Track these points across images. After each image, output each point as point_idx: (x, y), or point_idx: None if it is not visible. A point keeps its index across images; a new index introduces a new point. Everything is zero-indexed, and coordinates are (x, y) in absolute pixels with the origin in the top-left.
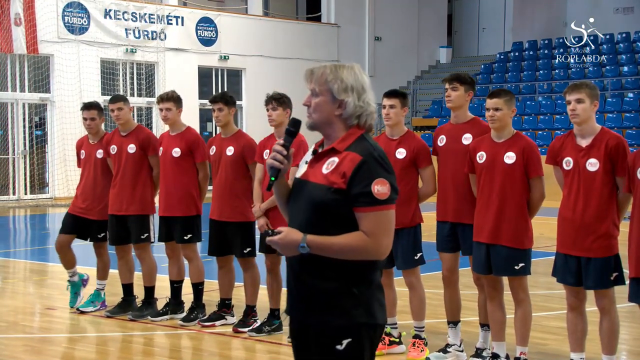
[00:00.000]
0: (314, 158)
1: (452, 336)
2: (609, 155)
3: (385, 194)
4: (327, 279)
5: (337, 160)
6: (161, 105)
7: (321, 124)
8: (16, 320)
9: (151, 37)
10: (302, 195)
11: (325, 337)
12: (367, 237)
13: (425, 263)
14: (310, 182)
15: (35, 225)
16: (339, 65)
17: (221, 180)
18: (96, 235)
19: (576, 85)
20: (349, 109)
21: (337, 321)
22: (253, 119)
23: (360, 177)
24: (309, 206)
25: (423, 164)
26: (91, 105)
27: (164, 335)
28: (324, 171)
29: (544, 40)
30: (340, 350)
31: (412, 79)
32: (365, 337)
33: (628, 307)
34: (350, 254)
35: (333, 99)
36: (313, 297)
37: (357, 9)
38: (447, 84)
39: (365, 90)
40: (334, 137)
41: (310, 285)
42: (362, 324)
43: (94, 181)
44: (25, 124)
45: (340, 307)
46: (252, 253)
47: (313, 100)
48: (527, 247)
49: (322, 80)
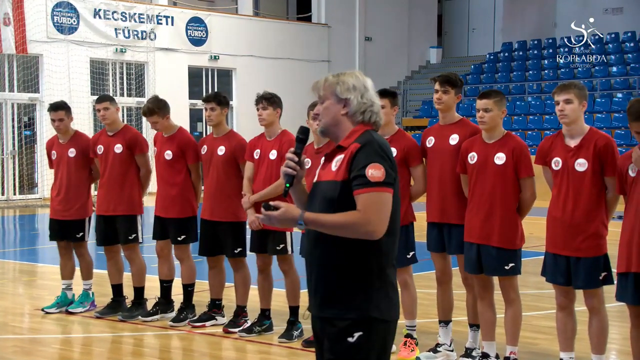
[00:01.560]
0: (325, 159)
1: (442, 335)
2: (597, 156)
3: (379, 177)
4: (343, 276)
5: (344, 156)
6: (149, 119)
7: (330, 126)
8: (6, 321)
9: (141, 37)
10: (316, 196)
11: (337, 329)
12: (358, 213)
13: (417, 262)
14: (323, 182)
15: (24, 225)
16: (342, 72)
17: (213, 180)
18: (74, 235)
19: (565, 86)
20: (352, 106)
21: (350, 314)
22: (244, 119)
23: (357, 162)
24: (322, 204)
25: (414, 162)
26: (58, 106)
27: (154, 336)
28: (333, 169)
29: (533, 40)
30: (351, 342)
31: (403, 79)
32: (375, 332)
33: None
34: (341, 229)
35: (338, 99)
36: (328, 293)
37: (347, 9)
38: (438, 85)
39: (367, 89)
40: (342, 137)
41: (327, 282)
42: (374, 319)
43: (67, 181)
44: (14, 124)
45: (354, 302)
46: (243, 253)
47: (320, 107)
48: (518, 248)
49: (326, 85)
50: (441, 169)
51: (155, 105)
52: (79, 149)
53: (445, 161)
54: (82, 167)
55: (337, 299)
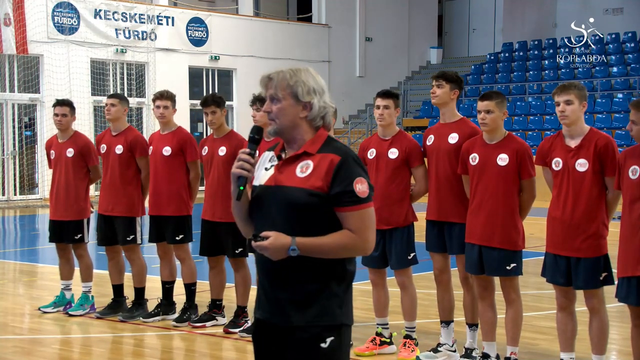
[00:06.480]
0: (283, 163)
1: (444, 336)
2: (598, 156)
3: (366, 191)
4: (308, 280)
5: (312, 163)
6: (158, 102)
7: (286, 128)
8: (6, 321)
9: (141, 37)
10: (274, 201)
11: (310, 336)
12: (355, 235)
13: (417, 263)
14: (285, 187)
15: (24, 226)
16: (295, 69)
17: (213, 181)
18: (73, 237)
19: (565, 87)
20: (314, 110)
21: (323, 321)
22: (244, 119)
23: (342, 176)
24: (287, 210)
25: (415, 163)
26: (64, 102)
27: (154, 337)
28: (299, 174)
29: (533, 41)
30: (324, 347)
31: (403, 79)
32: (343, 335)
33: (617, 307)
34: (339, 252)
35: (297, 102)
36: (295, 299)
37: (347, 9)
38: (434, 80)
39: (324, 91)
40: (299, 140)
41: (291, 287)
42: (343, 324)
43: (66, 181)
44: (14, 124)
45: (326, 307)
46: (244, 253)
47: (275, 106)
48: (520, 249)
49: (284, 84)
50: (439, 167)
51: (170, 92)
52: (77, 149)
53: (444, 160)
54: (79, 167)
55: (307, 305)
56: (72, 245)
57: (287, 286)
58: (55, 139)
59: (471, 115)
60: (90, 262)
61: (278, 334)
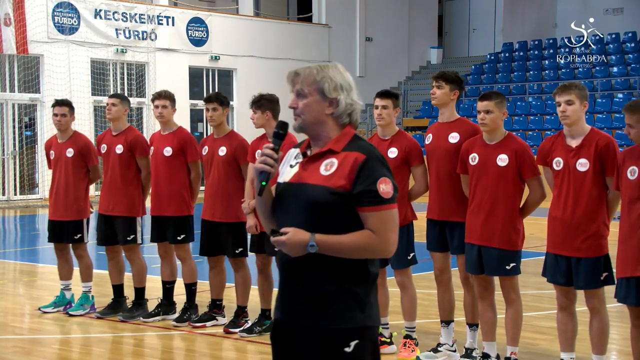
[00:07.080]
0: (307, 160)
1: (444, 335)
2: (599, 156)
3: (390, 192)
4: (325, 278)
5: (337, 161)
6: (157, 102)
7: (312, 124)
8: (6, 321)
9: (142, 37)
10: (296, 199)
11: (333, 340)
12: (375, 236)
13: (417, 263)
14: (308, 185)
15: (25, 225)
16: (323, 65)
17: (214, 181)
18: (72, 237)
19: (565, 87)
20: (341, 106)
21: (345, 324)
22: (244, 120)
23: (365, 175)
24: (308, 208)
25: (415, 162)
26: (63, 102)
27: (154, 336)
28: (323, 172)
29: (534, 41)
30: (348, 352)
31: (403, 79)
32: (368, 338)
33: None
34: (359, 252)
35: (323, 98)
36: (314, 301)
37: (348, 9)
38: (434, 81)
39: (352, 88)
40: (325, 137)
41: (308, 286)
42: (368, 327)
43: (65, 181)
44: (15, 124)
45: (345, 310)
46: (244, 253)
47: (301, 102)
48: (519, 249)
49: (310, 80)
50: (439, 166)
51: (169, 92)
52: (76, 149)
53: (443, 159)
54: (79, 167)
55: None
56: (72, 246)
57: (304, 284)
58: (55, 139)
59: (471, 115)
60: (90, 262)
61: (296, 336)
